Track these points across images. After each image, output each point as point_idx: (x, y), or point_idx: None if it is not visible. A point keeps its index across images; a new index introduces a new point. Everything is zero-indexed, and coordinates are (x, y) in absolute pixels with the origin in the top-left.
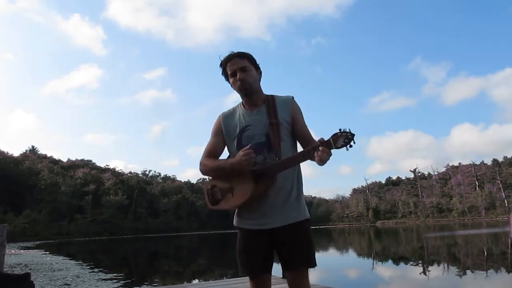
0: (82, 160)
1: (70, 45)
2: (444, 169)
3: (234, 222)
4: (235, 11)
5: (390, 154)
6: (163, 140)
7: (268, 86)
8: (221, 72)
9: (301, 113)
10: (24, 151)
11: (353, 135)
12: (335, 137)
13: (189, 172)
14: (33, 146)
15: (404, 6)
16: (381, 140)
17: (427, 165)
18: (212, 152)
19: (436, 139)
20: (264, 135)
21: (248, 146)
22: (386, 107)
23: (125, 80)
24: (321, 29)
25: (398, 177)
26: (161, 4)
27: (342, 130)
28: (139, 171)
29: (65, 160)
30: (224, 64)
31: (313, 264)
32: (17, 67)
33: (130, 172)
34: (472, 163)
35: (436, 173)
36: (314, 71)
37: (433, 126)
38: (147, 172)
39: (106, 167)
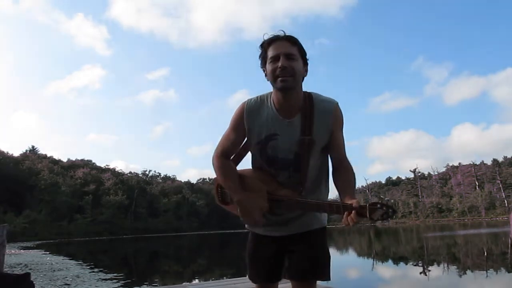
0: (82, 160)
1: (73, 45)
2: (444, 169)
3: (246, 225)
4: (238, 12)
5: (391, 154)
6: (164, 140)
7: (270, 86)
8: (259, 54)
9: (342, 123)
10: (24, 151)
11: (395, 213)
12: (373, 208)
13: (189, 172)
14: (33, 146)
15: (407, 6)
16: (382, 140)
17: (427, 165)
18: (226, 150)
19: (437, 139)
20: (292, 153)
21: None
22: (388, 107)
23: (128, 81)
24: (324, 30)
25: (398, 177)
26: (165, 5)
27: (383, 204)
28: (139, 171)
29: (65, 160)
30: (266, 45)
31: (327, 277)
32: (19, 67)
33: (130, 172)
34: (472, 163)
35: (436, 173)
36: (318, 71)
37: (434, 126)
38: (147, 172)
39: (106, 167)
